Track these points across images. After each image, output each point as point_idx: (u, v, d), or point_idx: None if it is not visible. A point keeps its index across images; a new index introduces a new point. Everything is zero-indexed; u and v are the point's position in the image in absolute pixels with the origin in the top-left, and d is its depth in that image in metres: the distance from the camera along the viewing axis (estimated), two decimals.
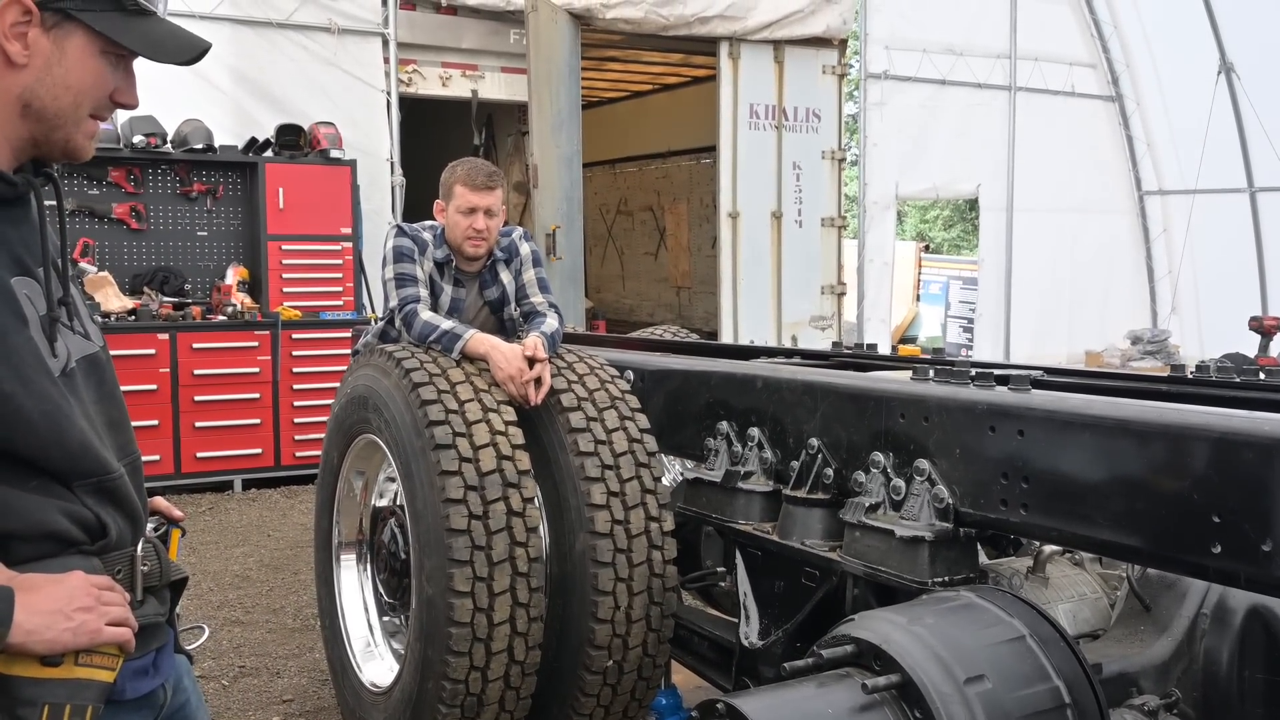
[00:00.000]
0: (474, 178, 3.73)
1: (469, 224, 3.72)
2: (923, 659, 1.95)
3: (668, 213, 14.19)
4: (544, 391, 3.34)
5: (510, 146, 13.05)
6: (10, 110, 1.47)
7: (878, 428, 2.75)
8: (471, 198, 3.71)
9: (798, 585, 2.92)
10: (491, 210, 3.74)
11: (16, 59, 1.45)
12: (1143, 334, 12.62)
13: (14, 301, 1.46)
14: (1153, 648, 2.45)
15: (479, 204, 3.71)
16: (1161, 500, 2.10)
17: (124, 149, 7.82)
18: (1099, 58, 12.76)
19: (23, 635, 1.36)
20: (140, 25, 1.52)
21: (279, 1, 8.68)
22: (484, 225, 3.73)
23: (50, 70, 1.47)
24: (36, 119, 1.49)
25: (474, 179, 3.72)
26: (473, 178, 3.73)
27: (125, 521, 1.56)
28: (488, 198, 3.72)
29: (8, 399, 1.41)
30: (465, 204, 3.72)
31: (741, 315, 10.61)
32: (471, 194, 3.71)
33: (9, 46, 1.44)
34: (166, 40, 1.55)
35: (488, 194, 3.72)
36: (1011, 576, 2.63)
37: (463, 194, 3.72)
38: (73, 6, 1.46)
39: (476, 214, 3.72)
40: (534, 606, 3.09)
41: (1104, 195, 12.89)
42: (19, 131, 1.49)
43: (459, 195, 3.72)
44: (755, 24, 10.33)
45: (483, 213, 3.72)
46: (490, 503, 3.05)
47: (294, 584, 5.85)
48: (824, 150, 10.89)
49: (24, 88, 1.47)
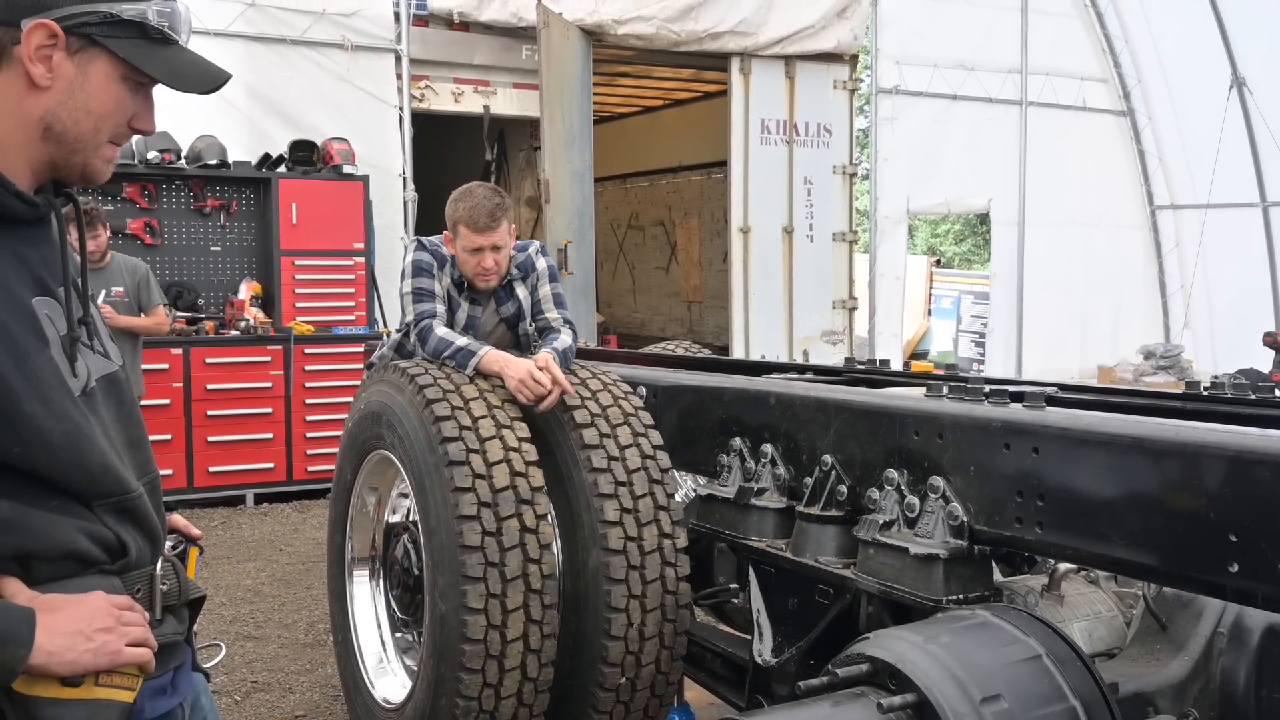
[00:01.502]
0: (476, 219, 3.66)
1: (477, 262, 3.72)
2: (939, 678, 1.94)
3: (679, 227, 14.21)
4: (554, 399, 3.35)
5: (522, 161, 13.09)
6: (32, 132, 1.48)
7: (892, 444, 2.75)
8: (476, 239, 3.68)
9: (811, 603, 2.92)
10: (497, 245, 3.72)
11: (40, 81, 1.46)
12: (1155, 349, 12.58)
13: (35, 322, 1.47)
14: (1169, 667, 2.44)
15: (484, 244, 3.69)
16: (1178, 518, 2.10)
17: (139, 165, 7.87)
18: (1110, 72, 12.77)
19: (44, 656, 1.37)
20: (163, 54, 1.53)
21: (293, 19, 8.74)
22: (491, 264, 3.73)
23: (73, 94, 1.48)
24: (57, 142, 1.50)
25: (476, 220, 3.66)
26: (475, 219, 3.66)
27: (145, 541, 1.57)
28: (491, 236, 3.69)
29: (29, 419, 1.41)
30: (470, 244, 3.70)
31: (753, 330, 10.61)
32: (475, 235, 3.68)
33: (33, 69, 1.45)
34: (188, 70, 1.56)
35: (491, 233, 3.68)
36: (1026, 595, 2.63)
37: (466, 235, 3.69)
38: (98, 33, 1.47)
39: (483, 253, 3.70)
40: (547, 623, 3.09)
41: (1116, 210, 12.87)
42: (39, 154, 1.50)
43: (463, 236, 3.70)
44: (766, 40, 10.36)
45: (489, 250, 3.71)
46: (504, 519, 3.05)
47: (306, 599, 5.86)
48: (835, 165, 10.91)
49: (46, 110, 1.48)
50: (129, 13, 1.48)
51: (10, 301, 1.44)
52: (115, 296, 6.28)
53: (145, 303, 6.48)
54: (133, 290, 6.42)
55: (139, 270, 6.54)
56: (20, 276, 1.47)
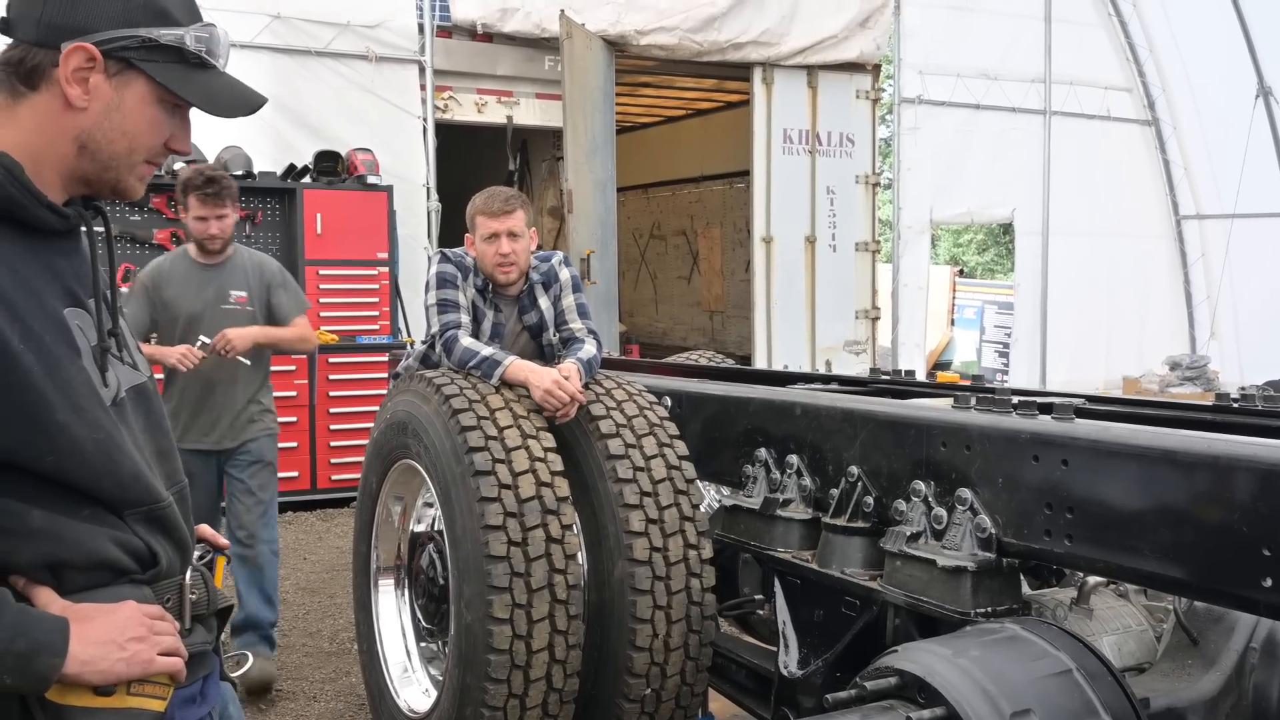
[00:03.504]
0: (490, 205, 3.77)
1: (494, 250, 3.75)
2: (968, 692, 1.93)
3: (701, 237, 14.22)
4: (571, 412, 3.37)
5: (545, 172, 13.13)
6: (67, 148, 1.50)
7: (919, 456, 2.74)
8: (491, 224, 3.74)
9: (837, 614, 2.90)
10: (514, 232, 3.76)
11: (76, 102, 1.48)
12: (1181, 359, 12.48)
13: (67, 332, 1.48)
14: (1201, 682, 2.42)
15: (499, 228, 3.74)
16: (1209, 532, 2.08)
17: (165, 175, 7.92)
18: (1135, 81, 12.70)
19: (77, 666, 1.38)
20: (200, 78, 1.54)
21: (318, 30, 8.80)
22: (508, 249, 3.75)
23: (109, 115, 1.50)
24: (91, 159, 1.52)
25: (490, 206, 3.77)
26: (489, 205, 3.77)
27: (174, 550, 1.58)
28: (507, 221, 3.75)
29: (62, 428, 1.42)
30: (486, 231, 3.75)
31: (775, 339, 10.60)
32: (491, 220, 3.75)
33: (69, 90, 1.47)
34: (224, 94, 1.57)
35: (507, 218, 3.75)
36: (1055, 608, 2.61)
37: (483, 222, 3.76)
38: (135, 57, 1.49)
39: (499, 239, 3.74)
40: (572, 634, 3.09)
41: (1141, 219, 12.79)
42: (73, 168, 1.52)
43: (480, 225, 3.76)
44: (789, 50, 10.36)
45: (505, 236, 3.74)
46: (529, 529, 3.05)
47: (330, 607, 5.87)
48: (858, 175, 10.90)
49: (82, 129, 1.50)
50: (167, 38, 1.50)
51: (42, 312, 1.45)
52: (235, 304, 4.68)
53: (279, 309, 4.77)
54: (259, 295, 4.75)
55: (267, 269, 4.86)
56: (52, 288, 1.48)
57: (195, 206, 4.55)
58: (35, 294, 1.44)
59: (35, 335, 1.41)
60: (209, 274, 4.67)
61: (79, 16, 1.46)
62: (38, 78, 1.47)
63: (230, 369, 4.62)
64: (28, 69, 1.46)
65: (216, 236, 4.60)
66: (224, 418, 4.67)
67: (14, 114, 1.48)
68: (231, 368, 4.62)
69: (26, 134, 1.47)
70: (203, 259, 4.67)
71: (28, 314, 1.41)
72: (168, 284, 4.61)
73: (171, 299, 4.58)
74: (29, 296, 1.43)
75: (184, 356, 4.39)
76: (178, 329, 4.53)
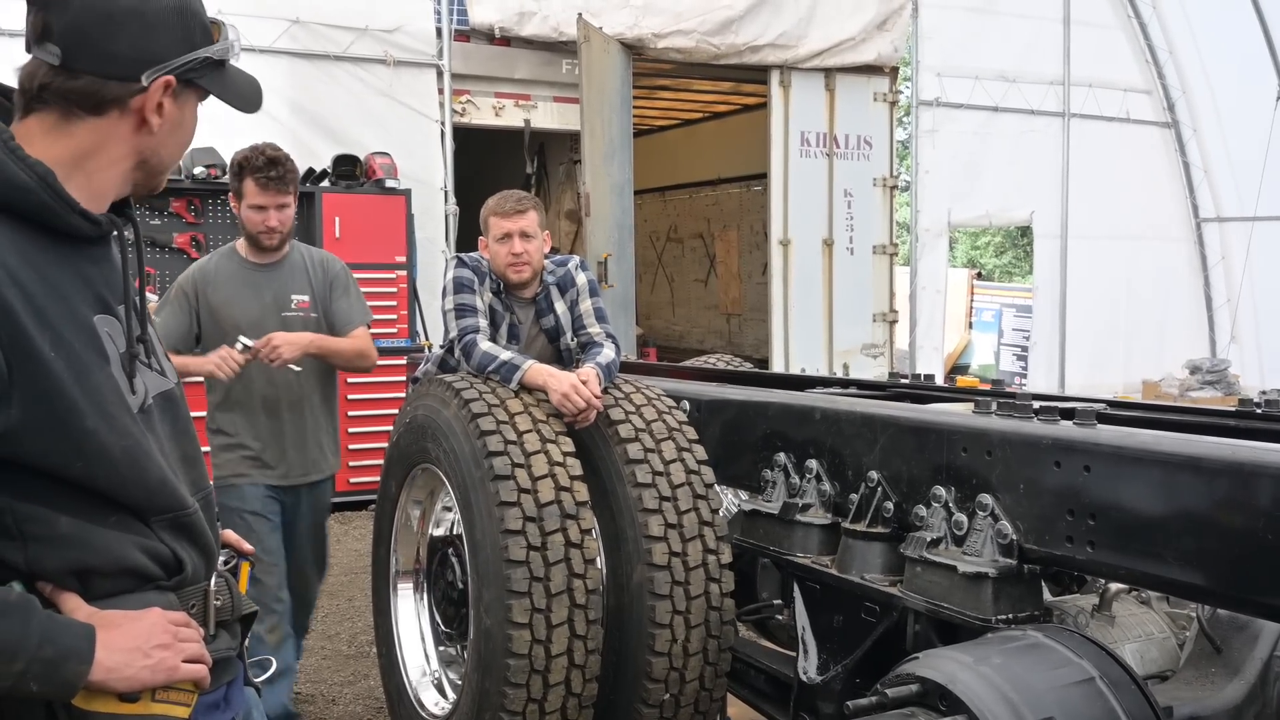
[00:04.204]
0: (503, 205, 3.80)
1: (507, 250, 3.76)
2: (990, 700, 1.92)
3: (718, 240, 14.21)
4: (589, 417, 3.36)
5: (562, 175, 13.15)
6: (128, 164, 1.55)
7: (939, 461, 2.73)
8: (504, 224, 3.77)
9: (857, 620, 2.89)
10: (526, 232, 3.77)
11: (156, 128, 1.53)
12: (1201, 363, 12.41)
13: (96, 339, 1.50)
14: (1224, 691, 2.40)
15: (512, 228, 3.76)
16: (1234, 539, 2.06)
17: (185, 180, 7.97)
18: (1154, 83, 12.63)
19: (103, 673, 1.39)
20: (224, 77, 1.60)
21: (336, 35, 8.83)
22: (521, 249, 3.77)
23: (173, 133, 1.57)
24: (145, 171, 1.58)
25: (503, 206, 3.79)
26: (502, 205, 3.80)
27: (199, 557, 1.59)
28: (519, 221, 3.77)
29: (90, 435, 1.43)
30: (499, 231, 3.77)
31: (793, 343, 10.58)
32: (504, 220, 3.77)
33: (152, 119, 1.52)
34: (247, 89, 1.63)
35: (519, 218, 3.77)
36: (1077, 615, 2.59)
37: (496, 223, 3.79)
38: (196, 76, 1.55)
39: (511, 239, 3.76)
40: (591, 639, 3.08)
41: (1160, 222, 12.72)
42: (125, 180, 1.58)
43: (493, 225, 3.79)
44: (806, 52, 10.35)
45: (517, 236, 3.76)
46: (549, 534, 3.05)
47: (349, 611, 5.89)
48: (875, 177, 10.87)
49: (149, 148, 1.55)
50: (219, 52, 1.56)
51: (73, 319, 1.46)
52: (298, 309, 4.05)
53: (337, 316, 4.15)
54: (321, 298, 4.12)
55: (331, 268, 4.20)
56: (82, 294, 1.50)
57: (252, 193, 3.90)
58: (66, 301, 1.46)
59: (65, 342, 1.43)
60: (265, 275, 4.01)
61: (155, 48, 1.50)
62: (109, 107, 1.49)
63: (294, 387, 4.06)
64: (98, 100, 1.48)
65: (276, 230, 3.94)
66: (309, 442, 4.10)
67: (68, 134, 1.49)
68: (295, 385, 4.06)
69: (82, 152, 1.50)
70: (256, 257, 4.02)
71: (58, 321, 1.43)
72: (215, 288, 3.97)
73: (220, 305, 3.95)
74: (59, 303, 1.44)
75: (223, 361, 3.75)
76: (229, 343, 3.87)
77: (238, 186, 3.95)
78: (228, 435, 4.05)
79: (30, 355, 1.38)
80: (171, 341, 3.85)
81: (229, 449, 4.03)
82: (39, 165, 1.44)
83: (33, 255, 1.43)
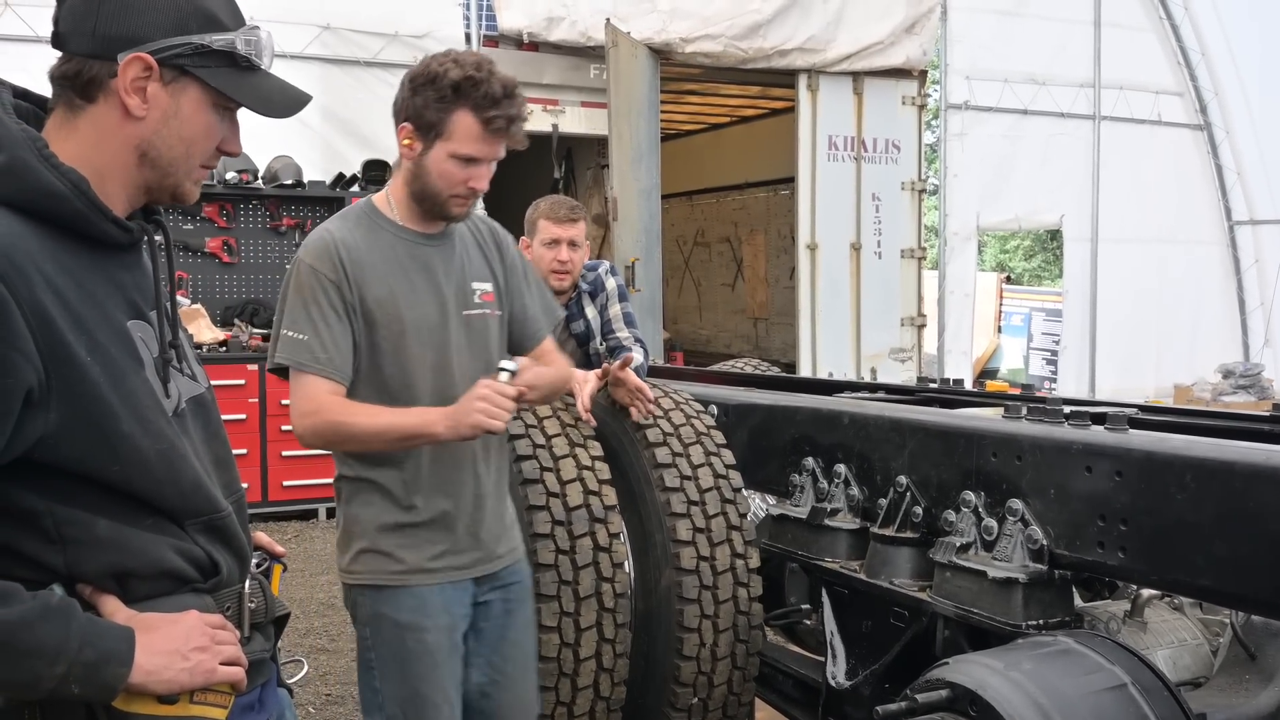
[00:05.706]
0: (557, 211, 3.84)
1: (553, 256, 3.79)
2: (1021, 706, 1.92)
3: (745, 244, 14.18)
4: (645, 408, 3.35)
5: (590, 179, 13.15)
6: (128, 158, 1.53)
7: (969, 466, 2.72)
8: (555, 230, 3.80)
9: (886, 625, 2.89)
10: (575, 242, 3.82)
11: (136, 112, 1.51)
12: (1235, 367, 12.29)
13: (131, 344, 1.51)
14: (1259, 698, 2.38)
15: (562, 235, 3.80)
16: (1268, 545, 2.05)
17: (217, 185, 8.04)
18: (1186, 85, 12.52)
19: (143, 675, 1.40)
20: (250, 80, 1.58)
21: (366, 41, 8.90)
22: (567, 257, 3.81)
23: (167, 123, 1.53)
24: (151, 167, 1.55)
25: (557, 212, 3.83)
26: (555, 211, 3.84)
27: (233, 559, 1.60)
28: (570, 229, 3.81)
29: (126, 438, 1.45)
30: (549, 236, 3.80)
31: (820, 347, 10.54)
32: (555, 227, 3.80)
33: (129, 100, 1.50)
34: (275, 95, 1.61)
35: (570, 226, 3.82)
36: (1109, 621, 2.58)
37: (546, 227, 3.81)
38: (190, 64, 1.52)
39: (560, 245, 3.80)
40: (620, 642, 3.09)
41: (1192, 225, 12.61)
42: (135, 179, 1.55)
43: (543, 229, 3.81)
44: (834, 56, 10.31)
45: (566, 244, 3.80)
46: (577, 537, 3.06)
47: None
48: (903, 181, 10.81)
49: (142, 139, 1.52)
50: (219, 43, 1.53)
51: (108, 325, 1.48)
52: (482, 302, 2.64)
53: (525, 318, 2.75)
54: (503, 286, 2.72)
55: (503, 240, 2.83)
56: (116, 300, 1.51)
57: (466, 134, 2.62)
58: (100, 306, 1.48)
59: (101, 347, 1.45)
60: (433, 252, 2.61)
61: (133, 27, 1.48)
62: (95, 90, 1.49)
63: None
64: (84, 81, 1.49)
65: (478, 193, 2.61)
66: (490, 517, 2.63)
67: (74, 128, 1.51)
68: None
69: (88, 147, 1.50)
70: (422, 225, 2.61)
71: (94, 326, 1.45)
72: (366, 267, 2.52)
73: (385, 298, 2.52)
74: (95, 309, 1.46)
75: (491, 403, 2.33)
76: (407, 354, 2.53)
77: (441, 116, 2.62)
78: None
79: (67, 361, 1.40)
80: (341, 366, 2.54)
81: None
82: (72, 173, 1.45)
83: (67, 261, 1.45)
